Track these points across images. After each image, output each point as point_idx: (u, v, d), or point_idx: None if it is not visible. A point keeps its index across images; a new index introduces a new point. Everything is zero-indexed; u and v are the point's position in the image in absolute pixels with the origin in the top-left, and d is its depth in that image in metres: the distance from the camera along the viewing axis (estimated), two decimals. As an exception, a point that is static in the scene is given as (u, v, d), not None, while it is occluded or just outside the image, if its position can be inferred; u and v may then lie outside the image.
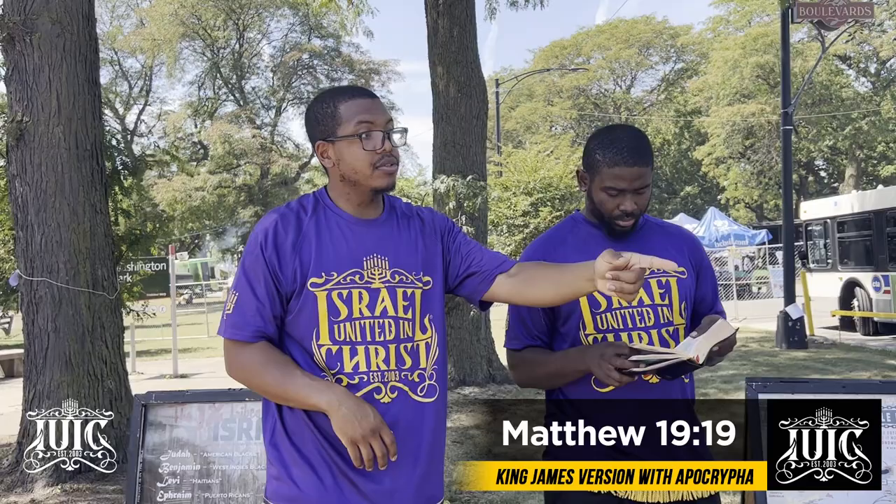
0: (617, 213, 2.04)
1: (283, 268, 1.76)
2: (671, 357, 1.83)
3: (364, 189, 1.82)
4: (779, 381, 2.88)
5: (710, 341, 1.85)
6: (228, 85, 37.99)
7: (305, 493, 1.73)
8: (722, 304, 2.26)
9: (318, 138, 1.84)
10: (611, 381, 1.88)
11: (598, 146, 2.07)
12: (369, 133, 1.78)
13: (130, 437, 2.84)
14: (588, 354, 1.94)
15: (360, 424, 1.66)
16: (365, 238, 1.82)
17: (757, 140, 35.18)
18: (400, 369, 1.78)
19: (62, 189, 5.67)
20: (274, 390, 1.75)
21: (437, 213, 2.00)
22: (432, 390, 1.82)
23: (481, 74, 9.38)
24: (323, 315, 1.75)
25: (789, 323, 11.75)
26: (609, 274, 1.64)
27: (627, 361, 1.85)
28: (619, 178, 2.01)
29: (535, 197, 18.83)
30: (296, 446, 1.75)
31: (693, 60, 44.04)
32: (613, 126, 2.21)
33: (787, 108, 12.52)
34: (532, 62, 46.20)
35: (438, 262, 1.90)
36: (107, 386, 5.80)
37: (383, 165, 1.79)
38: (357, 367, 1.75)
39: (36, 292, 5.66)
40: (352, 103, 1.81)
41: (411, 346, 1.80)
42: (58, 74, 5.67)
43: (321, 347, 1.76)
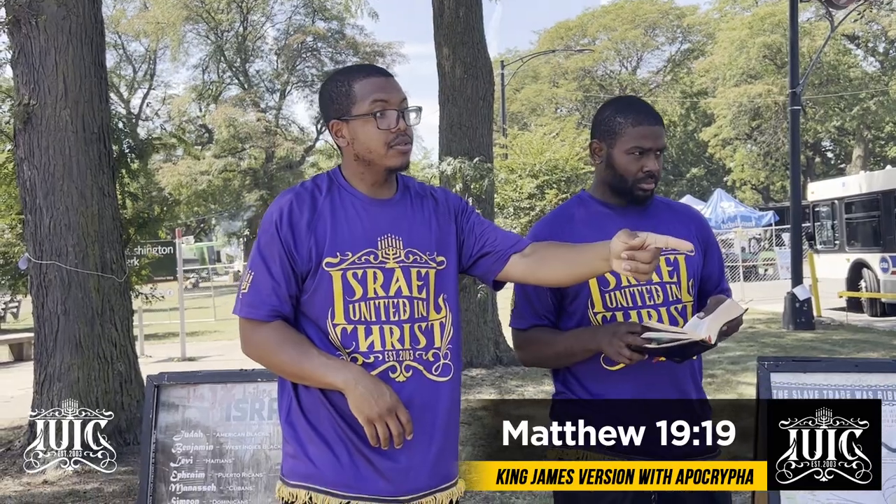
0: (641, 175, 2.04)
1: (298, 247, 1.76)
2: (683, 337, 1.83)
3: (378, 168, 1.81)
4: (791, 360, 2.88)
5: (719, 321, 1.85)
6: (233, 68, 37.86)
7: (321, 471, 1.74)
8: (728, 282, 2.26)
9: (332, 117, 1.83)
10: (622, 359, 1.89)
11: (616, 111, 2.09)
12: (384, 112, 1.77)
13: (143, 418, 2.85)
14: (600, 333, 1.95)
15: (377, 403, 1.66)
16: (379, 218, 1.82)
17: (764, 121, 34.98)
18: (414, 349, 1.78)
19: (70, 172, 5.67)
20: (290, 369, 1.75)
21: (450, 193, 1.99)
22: (447, 369, 1.82)
23: (487, 55, 9.32)
24: (338, 294, 1.76)
25: (796, 304, 11.74)
26: (625, 254, 1.63)
27: (640, 339, 1.86)
28: (644, 136, 2.03)
29: (541, 179, 18.75)
30: (312, 424, 1.76)
31: (699, 41, 43.72)
32: (623, 95, 2.23)
33: (795, 87, 12.43)
34: (537, 43, 45.92)
35: (452, 242, 1.90)
36: (116, 368, 5.84)
37: (398, 144, 1.78)
38: (372, 346, 1.75)
39: (45, 275, 5.68)
40: (366, 82, 1.80)
41: (426, 325, 1.80)
42: (64, 57, 5.66)
43: (336, 327, 1.76)
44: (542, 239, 2.10)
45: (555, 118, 41.81)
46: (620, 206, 2.11)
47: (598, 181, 2.16)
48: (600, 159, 2.11)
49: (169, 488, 2.81)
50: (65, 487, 5.02)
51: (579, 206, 2.17)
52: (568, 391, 2.10)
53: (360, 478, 1.73)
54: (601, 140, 2.11)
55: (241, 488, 2.77)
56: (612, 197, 2.12)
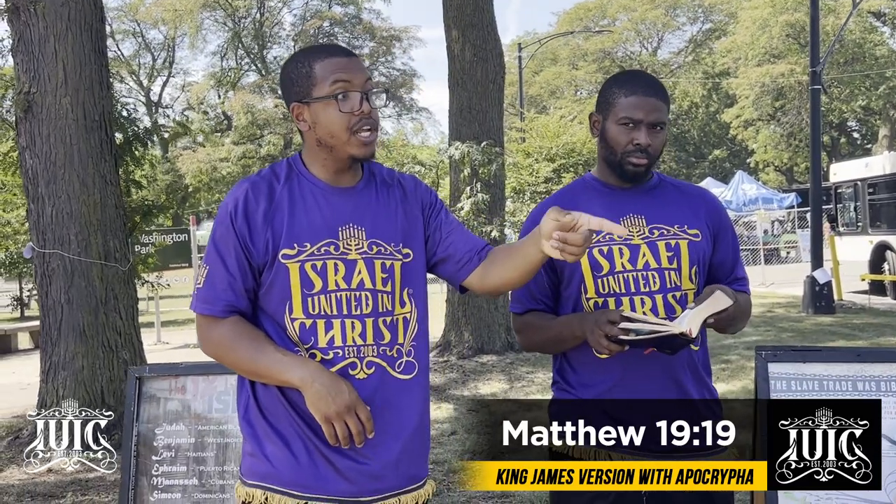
0: (630, 148, 1.95)
1: (254, 239, 1.68)
2: (662, 329, 1.73)
3: (340, 156, 1.73)
4: (790, 349, 2.77)
5: (702, 314, 1.76)
6: (250, 55, 37.89)
7: (279, 470, 1.68)
8: (744, 270, 2.15)
9: (292, 100, 1.74)
10: (600, 349, 1.82)
11: (614, 83, 2.02)
12: (346, 94, 1.68)
13: (125, 411, 2.81)
14: (585, 320, 1.88)
15: (335, 401, 1.60)
16: (340, 207, 1.74)
17: (787, 101, 34.39)
18: (378, 344, 1.71)
19: (71, 160, 5.65)
20: (246, 366, 1.69)
21: (421, 185, 1.90)
22: (410, 367, 1.75)
23: (497, 37, 9.18)
24: (296, 288, 1.68)
25: (816, 288, 11.54)
26: (555, 234, 1.54)
27: (616, 329, 1.77)
28: (634, 107, 1.94)
29: (558, 163, 18.58)
30: (269, 423, 1.70)
31: (721, 20, 43.03)
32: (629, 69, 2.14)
33: (815, 67, 12.17)
34: (556, 25, 45.45)
35: (419, 236, 1.81)
36: (121, 357, 5.83)
37: (360, 130, 1.69)
38: (332, 341, 1.68)
39: (48, 264, 5.67)
40: (327, 62, 1.71)
41: (390, 320, 1.73)
42: (63, 44, 5.62)
43: (294, 321, 1.69)
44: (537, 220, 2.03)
45: (574, 101, 41.45)
46: (622, 186, 2.02)
47: (598, 159, 2.08)
48: (597, 132, 2.04)
49: (151, 482, 2.77)
50: (68, 476, 5.02)
51: (583, 187, 2.09)
52: (561, 379, 2.05)
53: (318, 477, 1.67)
54: (598, 112, 2.03)
55: (222, 482, 2.73)
56: (611, 176, 2.04)
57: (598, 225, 1.55)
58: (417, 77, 38.17)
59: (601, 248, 1.97)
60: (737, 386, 6.79)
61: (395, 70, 36.73)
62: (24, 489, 4.85)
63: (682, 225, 2.01)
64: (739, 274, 2.11)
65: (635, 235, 1.98)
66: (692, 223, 2.01)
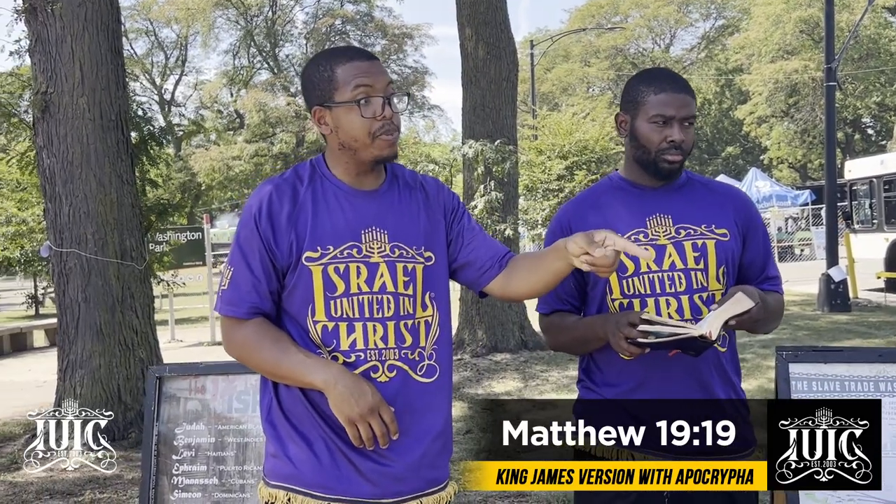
0: (664, 146, 1.93)
1: (278, 241, 1.69)
2: (682, 331, 1.72)
3: (363, 158, 1.72)
4: (811, 349, 2.75)
5: (723, 316, 1.74)
6: (262, 53, 37.99)
7: (301, 472, 1.68)
8: (777, 268, 2.12)
9: (314, 104, 1.73)
10: (620, 351, 1.81)
11: (640, 81, 2.01)
12: (368, 99, 1.68)
13: (145, 410, 2.83)
14: (607, 322, 1.86)
15: (358, 403, 1.60)
16: (363, 210, 1.73)
17: (801, 98, 34.18)
18: (399, 347, 1.70)
19: (88, 160, 5.68)
20: (269, 368, 1.69)
21: (444, 188, 1.89)
22: (432, 370, 1.74)
23: (511, 35, 9.17)
24: (318, 290, 1.68)
25: (831, 286, 11.47)
26: (584, 258, 1.57)
27: (635, 331, 1.76)
28: (666, 104, 1.93)
29: (571, 160, 18.53)
30: (292, 424, 1.70)
31: (734, 17, 42.80)
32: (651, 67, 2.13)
33: (830, 63, 12.08)
34: (568, 22, 45.35)
35: (441, 239, 1.81)
36: (138, 355, 5.86)
37: (383, 134, 1.69)
38: (354, 344, 1.68)
39: (66, 263, 5.71)
40: (349, 66, 1.70)
41: (412, 323, 1.72)
42: (80, 44, 5.65)
43: (317, 324, 1.69)
44: (565, 223, 2.04)
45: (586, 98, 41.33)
46: (651, 186, 2.01)
47: (626, 158, 2.07)
48: (625, 132, 2.02)
49: (171, 481, 2.78)
50: (85, 474, 5.05)
51: (609, 187, 2.07)
52: (587, 378, 2.05)
53: (341, 479, 1.67)
54: (626, 112, 2.02)
55: (242, 481, 2.74)
56: (641, 175, 2.02)
57: (622, 247, 1.56)
58: (429, 75, 38.16)
59: None
60: (752, 385, 6.76)
61: (407, 68, 36.74)
62: (43, 487, 4.88)
63: (710, 224, 1.99)
64: (771, 273, 2.08)
65: (661, 236, 1.96)
66: (720, 222, 1.99)
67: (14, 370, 10.14)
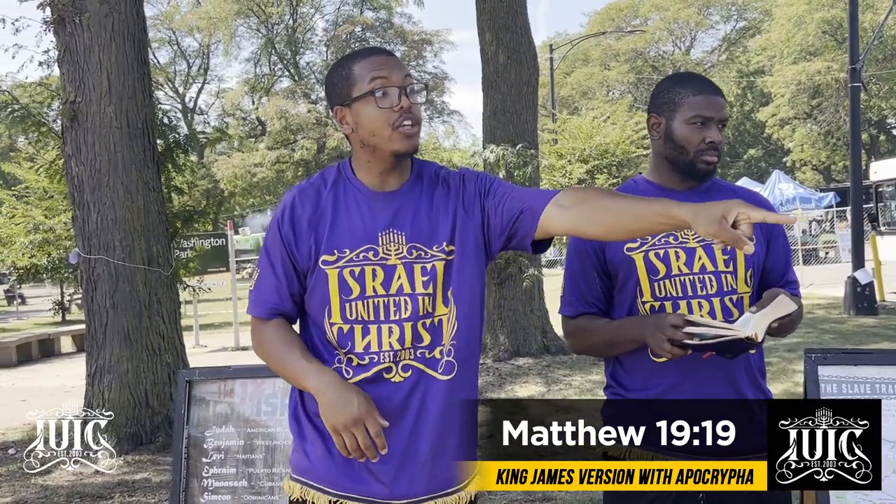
0: (703, 147, 1.96)
1: (298, 245, 1.73)
2: (728, 333, 1.73)
3: (384, 154, 1.72)
4: (840, 352, 2.74)
5: (768, 318, 1.74)
6: (283, 61, 38.26)
7: (316, 467, 1.73)
8: (795, 273, 2.13)
9: (335, 104, 1.76)
10: (662, 353, 1.81)
11: (675, 84, 2.03)
12: (385, 90, 1.69)
13: (175, 414, 2.87)
14: (645, 324, 1.87)
15: (343, 413, 1.62)
16: (381, 212, 1.75)
17: (824, 99, 33.84)
18: (416, 347, 1.71)
19: (115, 168, 5.76)
20: (278, 368, 1.78)
21: (466, 175, 1.82)
22: (450, 367, 1.74)
23: (531, 40, 9.18)
24: (334, 293, 1.72)
25: (858, 288, 11.33)
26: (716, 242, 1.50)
27: (681, 333, 1.76)
28: (705, 105, 1.96)
29: (591, 164, 18.51)
30: (312, 421, 1.74)
31: (755, 18, 42.51)
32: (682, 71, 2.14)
33: (854, 64, 11.97)
34: (587, 26, 45.25)
35: (471, 229, 1.76)
36: (165, 360, 5.93)
37: (402, 125, 1.69)
38: (368, 346, 1.71)
39: (94, 270, 5.79)
40: (365, 62, 1.73)
41: (430, 322, 1.72)
42: (107, 54, 5.74)
43: (333, 326, 1.73)
44: None
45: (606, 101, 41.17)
46: (679, 189, 2.01)
47: (656, 161, 2.07)
48: (658, 134, 2.02)
49: (201, 483, 2.82)
50: (115, 477, 5.12)
51: (635, 190, 2.07)
52: (615, 383, 2.04)
53: (352, 478, 1.71)
54: (660, 114, 2.02)
55: (271, 483, 2.77)
56: (670, 178, 2.03)
57: (761, 219, 1.49)
58: (449, 80, 38.22)
59: (657, 252, 1.96)
60: (779, 388, 6.70)
61: (427, 73, 36.81)
62: (73, 490, 4.95)
63: None
64: (791, 277, 2.09)
65: (691, 238, 1.97)
66: None
67: (43, 375, 10.29)
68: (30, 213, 14.77)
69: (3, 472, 5.39)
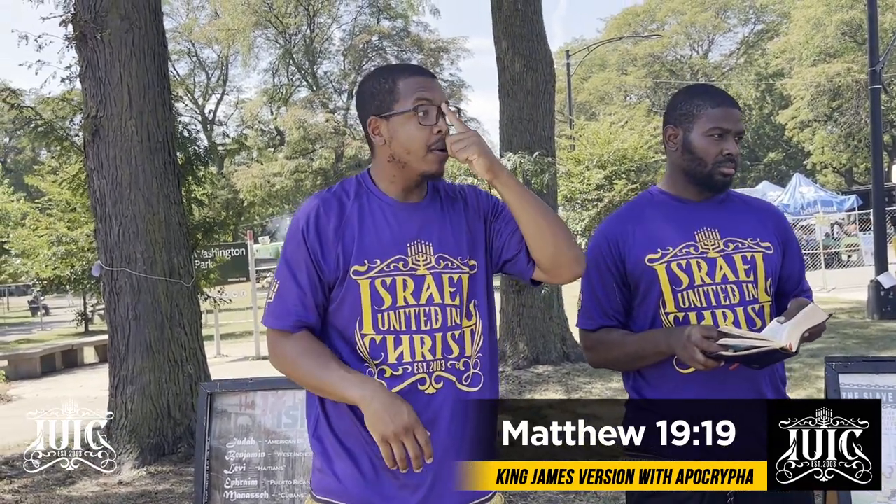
0: (721, 158, 1.97)
1: (325, 255, 1.71)
2: (762, 344, 1.72)
3: (412, 173, 1.75)
4: (861, 360, 2.71)
5: (801, 327, 1.75)
6: (301, 71, 38.55)
7: (346, 486, 1.70)
8: (808, 282, 2.14)
9: (371, 113, 1.75)
10: (696, 364, 1.80)
11: (693, 95, 2.03)
12: (427, 111, 1.71)
13: (197, 426, 2.89)
14: (673, 335, 1.86)
15: (393, 421, 1.58)
16: (408, 223, 1.76)
17: (845, 101, 33.53)
18: (446, 358, 1.72)
19: (137, 181, 5.83)
20: (311, 381, 1.70)
21: (481, 193, 1.90)
22: (477, 379, 1.76)
23: (548, 47, 9.18)
24: (366, 304, 1.70)
25: (881, 292, 11.21)
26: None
27: (715, 345, 1.76)
28: (724, 118, 1.97)
29: (609, 170, 18.43)
30: (338, 439, 1.72)
31: (773, 21, 42.25)
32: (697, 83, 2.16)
33: (875, 65, 11.87)
34: (604, 31, 45.19)
35: (482, 245, 1.83)
36: (187, 371, 5.98)
37: (437, 148, 1.72)
38: (401, 357, 1.70)
39: (116, 282, 5.86)
40: (412, 80, 1.74)
41: (458, 333, 1.74)
42: (128, 69, 5.81)
43: (364, 337, 1.71)
44: (610, 238, 2.05)
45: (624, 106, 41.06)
46: (695, 199, 2.03)
47: (672, 172, 2.07)
48: (675, 146, 2.03)
49: (223, 495, 2.84)
50: (138, 488, 5.17)
51: (650, 202, 2.08)
52: (638, 396, 2.03)
53: (385, 496, 1.69)
54: (677, 125, 2.03)
55: (292, 495, 2.78)
56: (686, 189, 2.04)
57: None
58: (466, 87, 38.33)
59: (679, 262, 1.96)
60: (801, 395, 6.64)
61: (444, 81, 36.93)
62: (98, 501, 5.00)
63: (755, 238, 2.01)
64: (805, 286, 2.11)
65: (711, 249, 1.98)
66: (764, 236, 2.02)
67: (66, 386, 10.39)
68: (53, 226, 14.95)
69: (29, 483, 5.46)
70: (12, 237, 16.70)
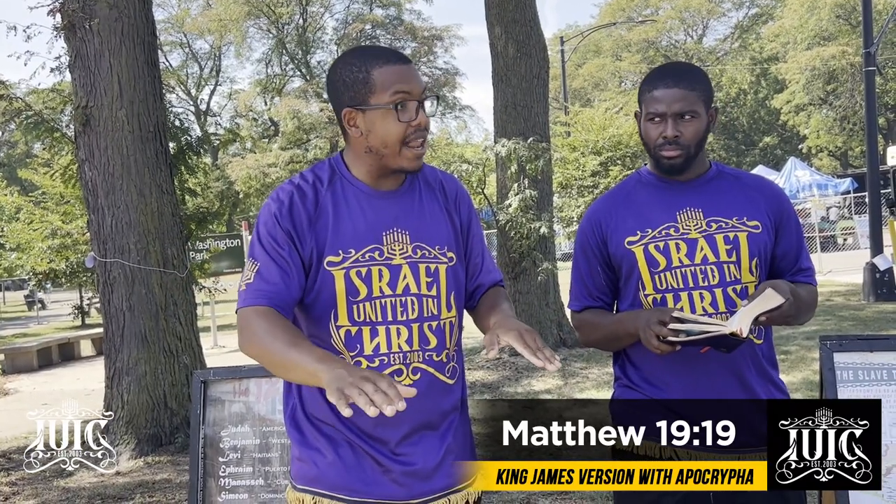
0: (659, 142, 1.93)
1: (301, 241, 1.65)
2: (712, 329, 1.72)
3: (388, 166, 1.69)
4: (856, 338, 2.72)
5: (752, 312, 1.73)
6: (295, 60, 38.35)
7: (327, 475, 1.67)
8: (810, 260, 2.09)
9: (346, 105, 1.66)
10: (652, 349, 1.80)
11: (645, 80, 2.01)
12: (405, 104, 1.64)
13: (191, 414, 2.88)
14: (639, 319, 1.86)
15: (348, 375, 1.37)
16: (384, 211, 1.70)
17: (839, 84, 33.51)
18: (424, 350, 1.69)
19: (128, 171, 5.80)
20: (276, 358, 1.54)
21: (462, 193, 1.85)
22: (455, 371, 1.75)
23: (541, 32, 9.14)
24: (341, 295, 1.65)
25: (877, 275, 11.24)
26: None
27: (666, 330, 1.75)
28: (657, 100, 1.92)
29: (605, 156, 18.43)
30: (316, 427, 1.69)
31: (767, 5, 42.14)
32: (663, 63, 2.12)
33: (869, 48, 11.84)
34: (598, 17, 45.03)
35: (460, 242, 1.81)
36: (182, 361, 5.97)
37: (413, 142, 1.65)
38: (377, 348, 1.66)
39: (110, 273, 5.83)
40: (387, 70, 1.64)
41: (436, 324, 1.70)
42: (118, 58, 5.77)
43: (339, 329, 1.66)
44: (594, 221, 2.05)
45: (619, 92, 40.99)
46: (678, 179, 2.00)
47: None
48: (640, 131, 2.03)
49: (218, 483, 2.83)
50: (135, 479, 5.17)
51: (638, 182, 2.07)
52: (623, 375, 2.04)
53: (366, 481, 1.67)
54: (638, 111, 2.03)
55: (287, 482, 2.77)
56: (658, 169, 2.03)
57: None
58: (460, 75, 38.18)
59: (657, 244, 1.95)
60: (798, 377, 6.65)
61: (438, 69, 36.80)
62: (95, 492, 5.00)
63: (742, 217, 1.97)
64: (804, 265, 2.05)
65: (692, 229, 1.96)
66: (752, 214, 1.98)
67: (63, 379, 10.39)
68: (47, 219, 14.89)
69: (27, 475, 5.45)
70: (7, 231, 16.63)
